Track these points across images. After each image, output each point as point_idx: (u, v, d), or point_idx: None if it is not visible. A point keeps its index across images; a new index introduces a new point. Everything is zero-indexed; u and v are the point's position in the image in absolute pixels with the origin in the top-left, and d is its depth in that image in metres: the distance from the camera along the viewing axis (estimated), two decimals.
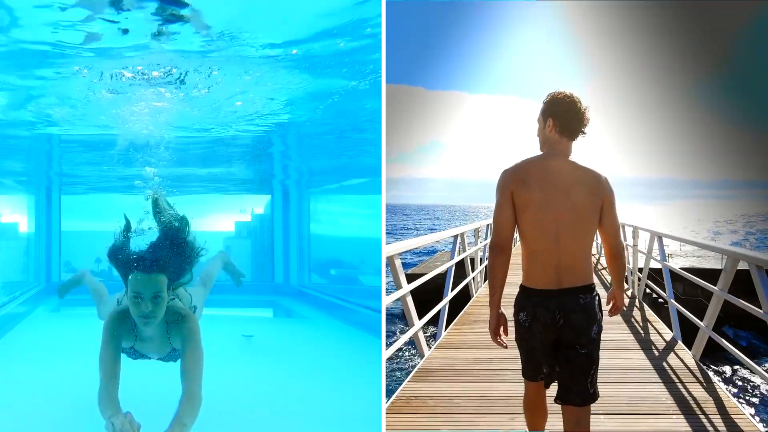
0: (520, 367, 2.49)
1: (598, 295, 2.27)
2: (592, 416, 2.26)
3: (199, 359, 2.95)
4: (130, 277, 2.82)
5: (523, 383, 2.53)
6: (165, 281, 2.82)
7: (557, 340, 2.21)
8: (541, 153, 2.33)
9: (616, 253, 2.30)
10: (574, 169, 2.23)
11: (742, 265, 3.95)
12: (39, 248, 13.70)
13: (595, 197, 2.19)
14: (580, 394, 2.20)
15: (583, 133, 2.27)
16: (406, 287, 4.10)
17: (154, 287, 2.77)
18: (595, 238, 2.36)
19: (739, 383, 9.12)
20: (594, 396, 2.25)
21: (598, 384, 2.32)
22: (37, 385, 5.73)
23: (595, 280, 2.38)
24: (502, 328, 2.35)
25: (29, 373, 6.26)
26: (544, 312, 2.18)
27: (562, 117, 2.23)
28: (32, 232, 13.56)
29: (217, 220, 14.54)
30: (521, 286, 2.32)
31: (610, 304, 2.48)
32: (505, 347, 2.39)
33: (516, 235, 2.33)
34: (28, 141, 8.57)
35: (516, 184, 2.23)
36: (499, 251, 2.27)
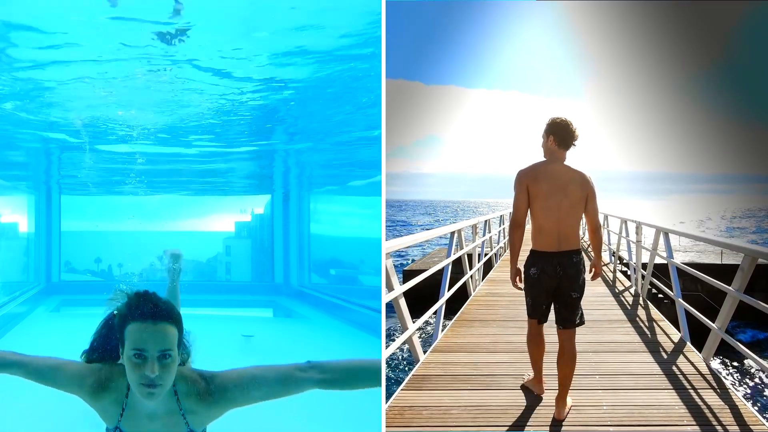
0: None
1: (584, 255, 3.26)
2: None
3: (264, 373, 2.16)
4: (128, 327, 1.99)
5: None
6: (176, 335, 2.03)
7: (557, 287, 3.16)
8: (545, 159, 3.23)
9: (595, 228, 3.30)
10: (568, 170, 3.17)
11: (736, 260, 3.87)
12: (39, 248, 13.68)
13: (582, 190, 3.16)
14: (570, 321, 3.22)
15: (574, 145, 3.21)
16: (398, 289, 3.97)
17: (162, 342, 1.96)
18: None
19: (751, 383, 9.07)
20: (581, 322, 3.26)
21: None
22: (37, 384, 5.71)
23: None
24: (518, 277, 3.31)
25: None
26: (549, 266, 3.13)
27: (559, 134, 3.17)
28: (32, 232, 13.54)
29: (217, 220, 14.52)
30: (531, 251, 3.23)
31: (592, 272, 3.38)
32: (521, 289, 3.30)
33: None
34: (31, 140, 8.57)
35: (529, 180, 3.16)
36: (516, 226, 3.23)
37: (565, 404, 3.23)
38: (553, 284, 3.15)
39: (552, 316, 3.32)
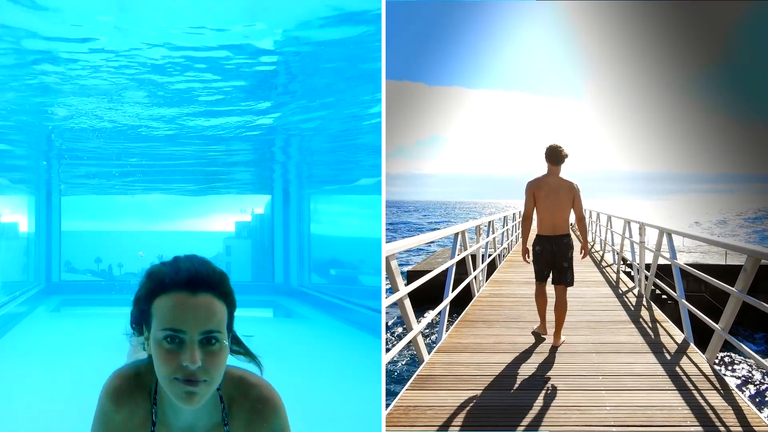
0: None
1: (572, 239, 4.66)
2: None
3: None
4: (156, 300, 1.40)
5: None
6: (225, 313, 1.45)
7: (553, 260, 4.56)
8: (546, 173, 4.62)
9: (579, 218, 4.68)
10: (560, 181, 4.56)
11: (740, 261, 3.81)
12: (39, 248, 13.65)
13: (570, 194, 4.54)
14: (563, 281, 4.60)
15: (563, 161, 4.56)
16: (404, 290, 3.94)
17: (205, 320, 1.38)
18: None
19: (755, 384, 9.02)
20: (570, 283, 4.61)
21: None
22: (37, 384, 5.70)
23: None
24: (527, 254, 4.73)
25: (29, 372, 6.22)
26: (547, 245, 4.56)
27: (551, 156, 4.58)
28: (32, 232, 13.52)
29: (217, 220, 14.49)
30: (536, 234, 4.64)
31: (582, 253, 4.78)
32: (529, 263, 4.71)
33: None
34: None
35: (533, 189, 4.60)
36: (525, 219, 4.71)
37: (560, 338, 4.66)
38: (550, 257, 4.56)
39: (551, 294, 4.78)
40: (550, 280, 4.70)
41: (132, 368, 1.54)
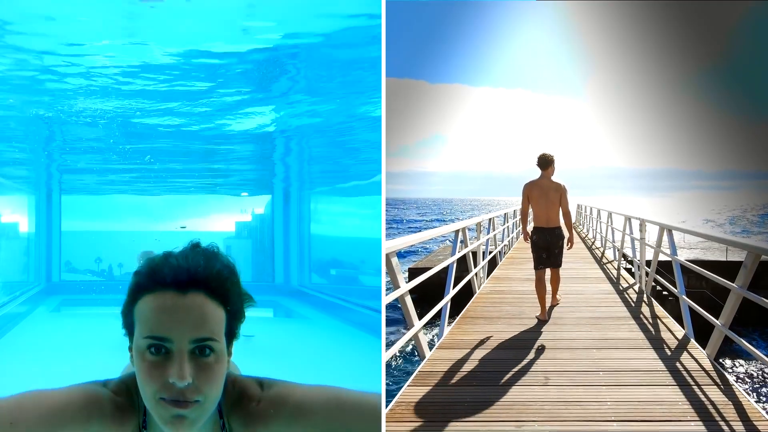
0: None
1: (563, 230, 5.50)
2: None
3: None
4: (138, 303, 1.17)
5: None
6: (223, 318, 1.19)
7: (547, 247, 5.46)
8: (539, 176, 5.47)
9: (565, 213, 5.48)
10: (550, 182, 5.42)
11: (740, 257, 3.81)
12: (39, 248, 13.66)
13: (557, 193, 5.39)
14: (556, 264, 5.57)
15: (551, 166, 5.43)
16: (405, 286, 3.93)
17: (195, 325, 1.13)
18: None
19: (755, 379, 9.00)
20: (560, 264, 5.60)
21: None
22: (36, 384, 5.68)
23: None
24: (526, 236, 5.68)
25: (29, 372, 6.22)
26: (542, 235, 5.46)
27: (540, 163, 5.46)
28: (32, 232, 13.52)
29: (217, 220, 14.48)
30: (534, 227, 5.55)
31: (569, 245, 5.59)
32: (527, 241, 5.66)
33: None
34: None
35: (529, 190, 5.47)
36: (521, 214, 5.72)
37: (556, 298, 5.92)
38: (545, 244, 5.45)
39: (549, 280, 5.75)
40: (547, 276, 5.57)
41: (118, 384, 1.24)
